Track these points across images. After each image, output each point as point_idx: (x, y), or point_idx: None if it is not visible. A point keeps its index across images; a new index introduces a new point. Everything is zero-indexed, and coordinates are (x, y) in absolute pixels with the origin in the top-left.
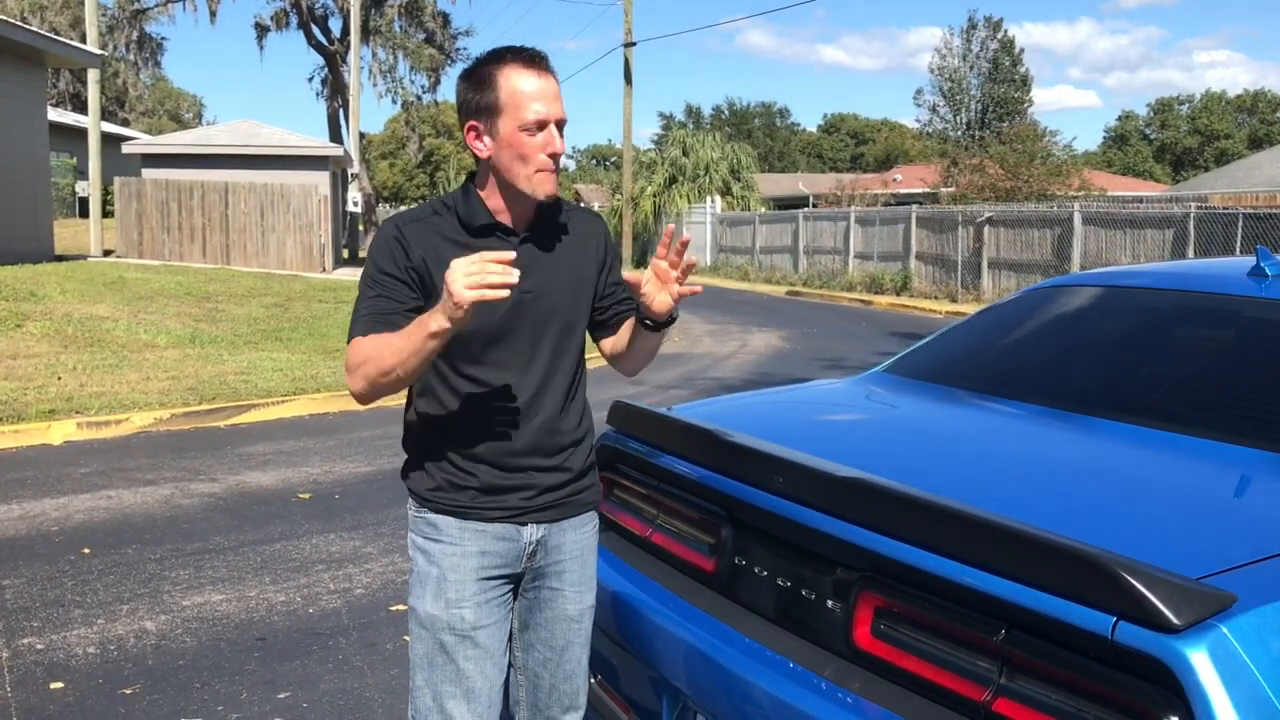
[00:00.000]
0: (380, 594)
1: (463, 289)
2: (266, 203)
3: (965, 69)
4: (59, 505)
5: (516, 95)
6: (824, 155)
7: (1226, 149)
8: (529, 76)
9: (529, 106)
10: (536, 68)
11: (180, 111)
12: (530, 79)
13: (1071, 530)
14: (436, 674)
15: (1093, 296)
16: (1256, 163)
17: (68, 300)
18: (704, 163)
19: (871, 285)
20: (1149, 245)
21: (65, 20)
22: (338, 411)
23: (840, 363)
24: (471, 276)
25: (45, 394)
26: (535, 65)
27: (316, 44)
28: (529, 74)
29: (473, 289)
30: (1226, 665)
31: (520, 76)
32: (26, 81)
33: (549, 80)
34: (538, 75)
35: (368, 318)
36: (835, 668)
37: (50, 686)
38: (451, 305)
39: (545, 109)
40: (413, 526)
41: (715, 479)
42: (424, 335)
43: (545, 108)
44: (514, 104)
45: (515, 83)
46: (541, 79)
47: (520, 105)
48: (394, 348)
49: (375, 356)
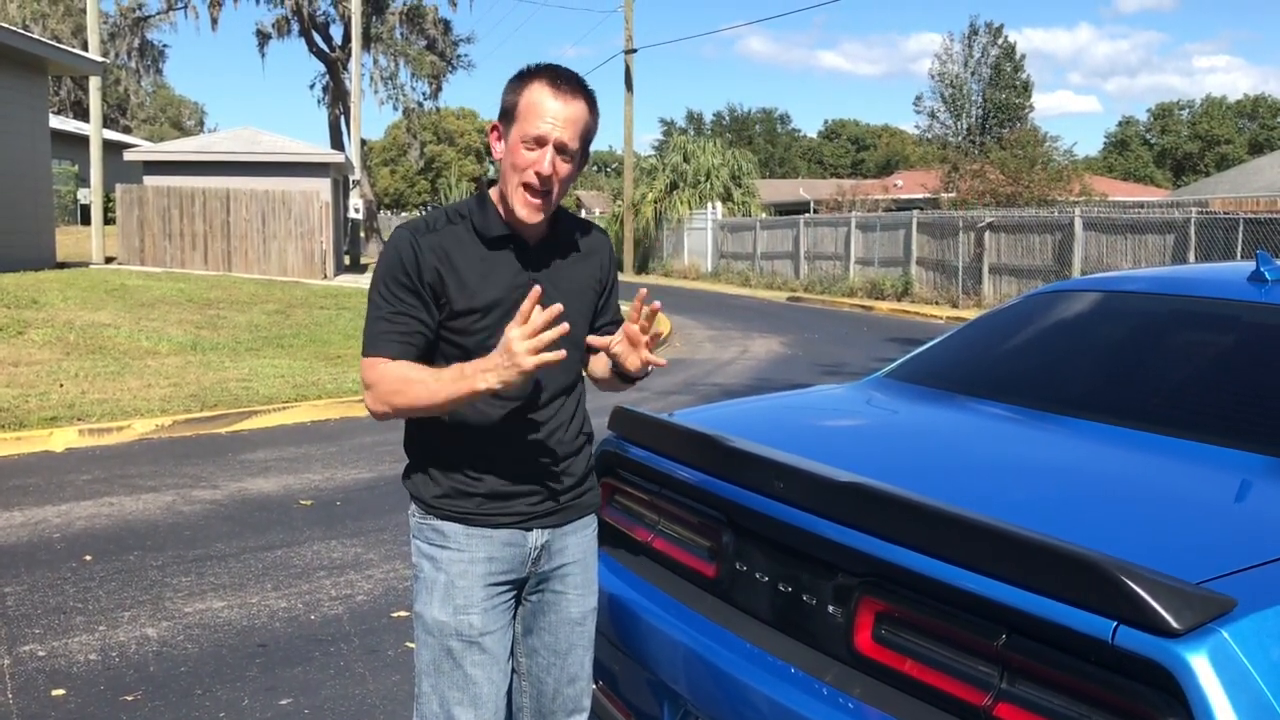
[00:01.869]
0: (382, 600)
1: (525, 357)
2: (268, 209)
3: (966, 75)
4: (61, 512)
5: (531, 107)
6: (825, 161)
7: (1227, 154)
8: (548, 93)
9: (535, 121)
10: (559, 88)
11: (182, 119)
12: (548, 96)
13: (1071, 535)
14: (443, 680)
15: (1093, 301)
16: (1257, 168)
17: (69, 307)
18: (705, 169)
19: (872, 291)
20: (1150, 250)
21: (67, 28)
22: (339, 418)
23: (841, 368)
24: (529, 341)
25: (47, 401)
26: (559, 85)
27: (318, 51)
28: (550, 92)
29: (534, 355)
30: (1227, 669)
31: (542, 91)
32: (28, 89)
33: (568, 104)
34: (556, 95)
35: (389, 336)
36: (836, 673)
37: (52, 693)
38: (514, 372)
39: (548, 127)
40: (417, 533)
41: (716, 484)
42: (469, 391)
43: (548, 126)
44: (525, 114)
45: (535, 95)
46: (559, 100)
47: (528, 117)
48: (430, 389)
49: (406, 390)
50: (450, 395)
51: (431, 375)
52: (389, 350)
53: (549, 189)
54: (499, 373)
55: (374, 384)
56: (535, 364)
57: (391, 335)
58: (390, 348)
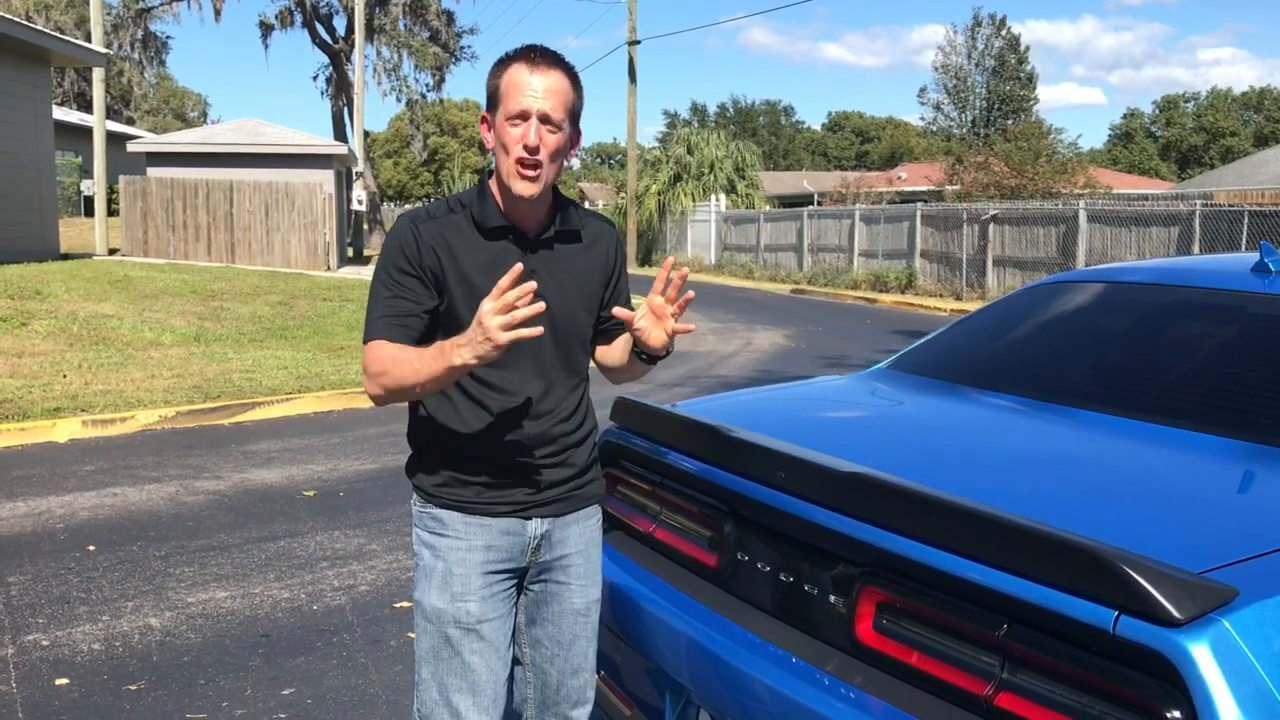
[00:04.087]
0: (384, 590)
1: (498, 331)
2: (271, 201)
3: (970, 67)
4: (64, 503)
5: (510, 86)
6: (829, 153)
7: (1232, 146)
8: (525, 70)
9: (515, 97)
10: (535, 63)
11: (185, 110)
12: (524, 72)
13: (1073, 525)
14: (442, 667)
15: (1096, 293)
16: (1262, 160)
17: (73, 299)
18: (709, 161)
19: (876, 283)
20: (1154, 242)
21: (70, 19)
22: (342, 409)
23: (844, 361)
24: (501, 316)
25: (50, 392)
26: (534, 60)
27: (321, 42)
28: (526, 68)
29: (508, 329)
30: (1228, 659)
31: (519, 69)
32: (32, 80)
33: (544, 75)
34: (532, 69)
35: (386, 320)
36: (837, 662)
37: (55, 683)
38: (488, 346)
39: (528, 101)
40: (417, 521)
41: (718, 474)
42: (446, 367)
43: (529, 100)
44: (506, 94)
45: (513, 74)
46: (535, 73)
47: (509, 96)
48: (413, 368)
49: (394, 370)
50: (432, 372)
51: (415, 354)
52: (384, 334)
53: (539, 161)
54: (473, 347)
55: (368, 366)
56: (509, 339)
57: (387, 319)
58: (385, 331)
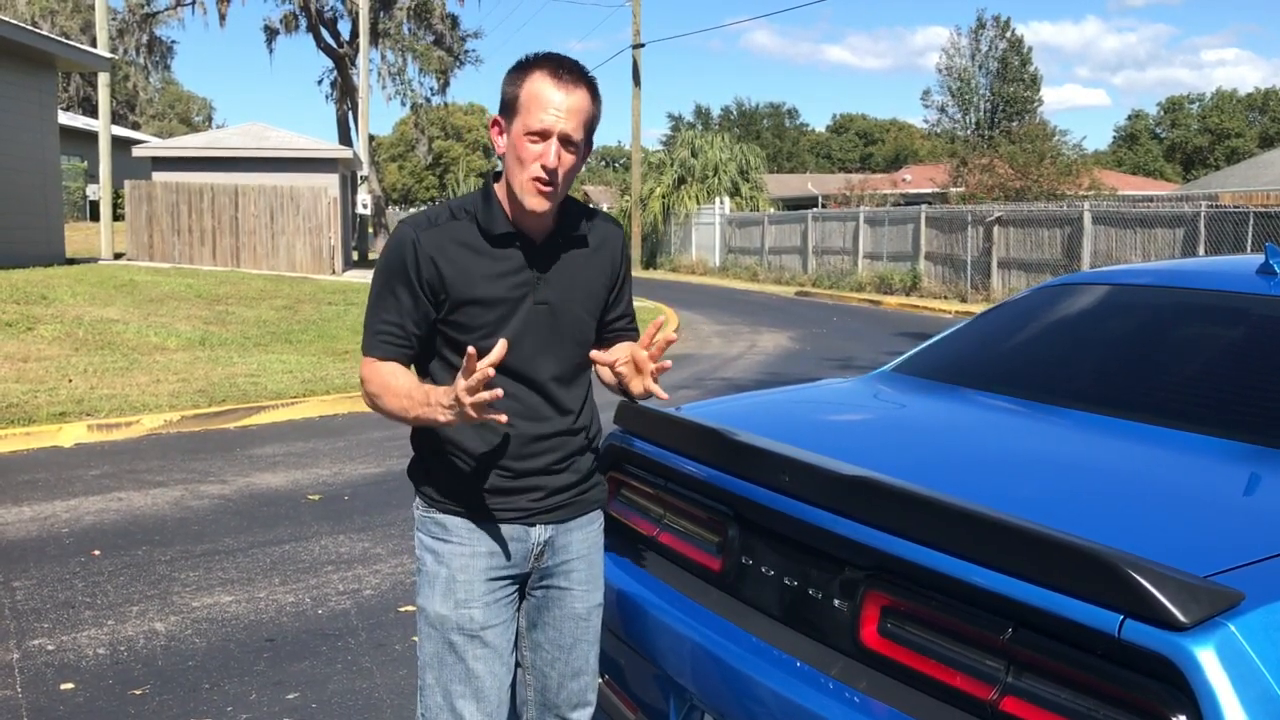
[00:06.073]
0: (389, 595)
1: (469, 409)
2: (276, 205)
3: (974, 69)
4: (69, 507)
5: (532, 99)
6: (833, 155)
7: (1237, 147)
8: (550, 84)
9: (537, 113)
10: (561, 79)
11: (190, 114)
12: (550, 87)
13: (1078, 528)
14: (446, 673)
15: (1101, 295)
16: (1268, 161)
17: (78, 303)
18: (713, 163)
19: (881, 285)
20: (1159, 244)
21: (76, 24)
22: (347, 413)
23: (849, 363)
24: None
25: (56, 396)
26: (561, 75)
27: (325, 47)
28: (551, 82)
29: (477, 410)
30: (1234, 663)
31: (543, 82)
32: (37, 85)
33: (570, 94)
34: (558, 85)
35: (383, 339)
36: (842, 666)
37: (60, 687)
38: (464, 419)
39: (551, 120)
40: (421, 526)
41: (722, 478)
42: (432, 420)
43: (552, 119)
44: (527, 107)
45: (536, 86)
46: (561, 90)
47: (530, 109)
48: (401, 405)
49: (385, 397)
50: (417, 417)
51: (406, 392)
52: (379, 352)
53: (555, 181)
54: (452, 413)
55: (364, 382)
56: (481, 417)
57: (383, 338)
58: (381, 349)
